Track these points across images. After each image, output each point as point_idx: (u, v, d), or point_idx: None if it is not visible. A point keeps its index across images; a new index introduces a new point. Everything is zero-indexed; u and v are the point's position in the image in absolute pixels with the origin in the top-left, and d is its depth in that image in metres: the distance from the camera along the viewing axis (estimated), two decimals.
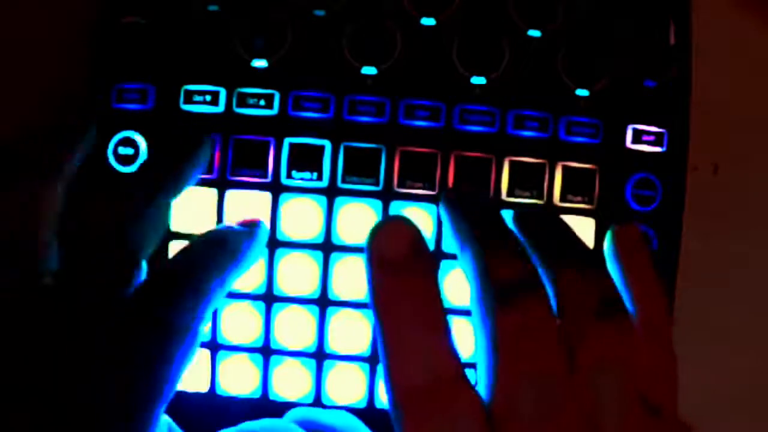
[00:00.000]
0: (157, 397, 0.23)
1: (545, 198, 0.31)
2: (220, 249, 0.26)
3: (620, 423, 0.21)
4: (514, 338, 0.21)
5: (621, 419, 0.21)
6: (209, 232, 0.27)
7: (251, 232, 0.28)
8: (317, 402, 0.31)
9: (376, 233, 0.22)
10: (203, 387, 0.31)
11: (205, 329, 0.29)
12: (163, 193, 0.27)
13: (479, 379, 0.22)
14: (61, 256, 0.25)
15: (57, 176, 0.27)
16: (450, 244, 0.26)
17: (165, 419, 0.26)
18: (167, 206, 0.28)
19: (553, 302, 0.23)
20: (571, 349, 0.22)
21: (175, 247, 0.30)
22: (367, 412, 0.30)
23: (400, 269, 0.22)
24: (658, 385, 0.23)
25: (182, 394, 0.30)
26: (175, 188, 0.28)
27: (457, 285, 0.30)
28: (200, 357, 0.30)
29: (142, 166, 0.29)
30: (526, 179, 0.31)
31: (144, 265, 0.26)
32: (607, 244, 0.27)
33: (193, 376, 0.31)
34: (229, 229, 0.28)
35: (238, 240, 0.27)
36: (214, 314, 0.30)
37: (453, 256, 0.30)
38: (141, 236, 0.26)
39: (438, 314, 0.21)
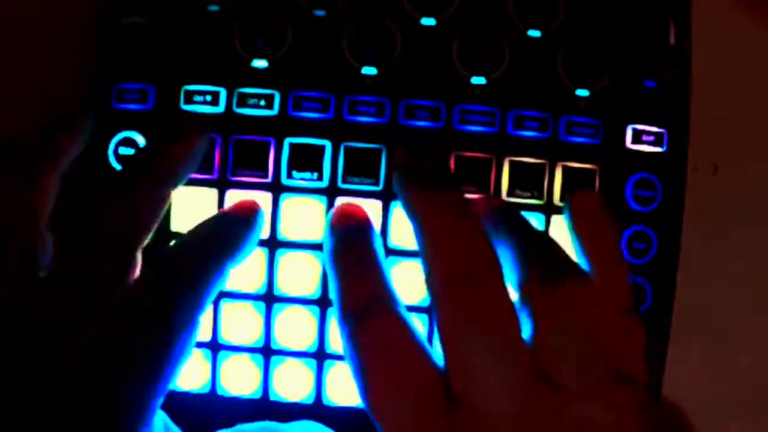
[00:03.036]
0: (154, 390, 0.23)
1: (545, 198, 0.31)
2: (218, 240, 0.26)
3: (580, 381, 0.21)
4: (468, 313, 0.21)
5: (581, 377, 0.21)
6: (206, 222, 0.27)
7: (248, 221, 0.27)
8: (317, 402, 0.31)
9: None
10: (204, 387, 0.31)
11: (202, 321, 0.29)
12: (161, 184, 0.26)
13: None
14: (56, 250, 0.24)
15: (51, 168, 0.26)
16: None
17: (161, 415, 0.26)
18: (167, 196, 0.27)
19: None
20: (529, 317, 0.22)
21: None
22: (367, 412, 0.30)
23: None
24: (621, 349, 0.23)
25: (183, 394, 0.30)
26: (174, 178, 0.27)
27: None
28: (201, 357, 0.31)
29: (137, 154, 0.28)
30: (526, 179, 0.31)
31: (139, 256, 0.25)
32: (564, 213, 0.27)
33: (194, 377, 0.31)
34: (226, 218, 0.27)
35: (235, 231, 0.27)
36: (215, 314, 0.30)
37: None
38: (138, 227, 0.25)
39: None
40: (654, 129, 0.31)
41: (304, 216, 0.30)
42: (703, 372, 0.36)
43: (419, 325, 0.23)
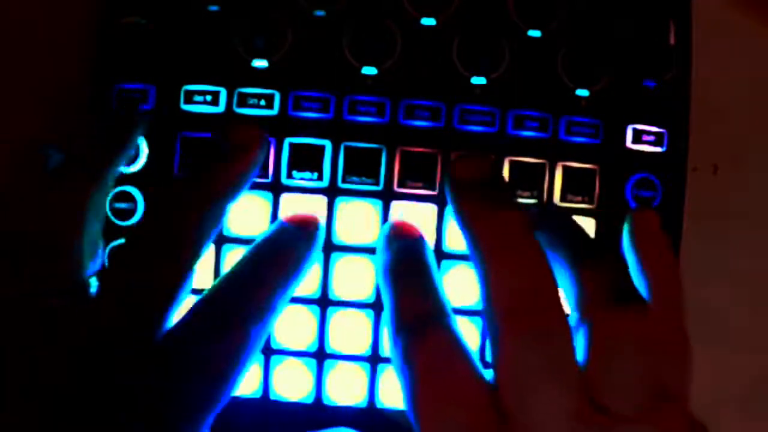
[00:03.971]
0: (214, 408, 0.22)
1: (545, 198, 0.31)
2: (283, 261, 0.25)
3: (632, 404, 0.21)
4: (525, 345, 0.21)
5: (633, 401, 0.21)
6: (269, 239, 0.26)
7: (310, 236, 0.27)
8: (318, 402, 0.31)
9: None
10: (256, 392, 0.31)
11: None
12: (221, 200, 0.25)
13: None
14: (108, 265, 0.24)
15: (105, 177, 0.26)
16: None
17: None
18: (222, 213, 0.26)
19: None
20: (587, 339, 0.22)
21: (230, 256, 0.30)
22: (367, 412, 0.30)
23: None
24: (671, 371, 0.23)
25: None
26: (236, 194, 0.26)
27: (458, 284, 0.30)
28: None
29: (190, 168, 0.27)
30: (526, 179, 0.31)
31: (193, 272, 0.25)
32: (624, 230, 0.27)
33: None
34: (288, 233, 0.27)
35: (299, 248, 0.26)
36: None
37: (454, 256, 0.30)
38: (196, 247, 0.24)
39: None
40: (654, 129, 0.31)
41: None
42: (703, 372, 0.36)
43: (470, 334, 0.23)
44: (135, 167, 0.30)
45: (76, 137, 0.27)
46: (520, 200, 0.31)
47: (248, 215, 0.30)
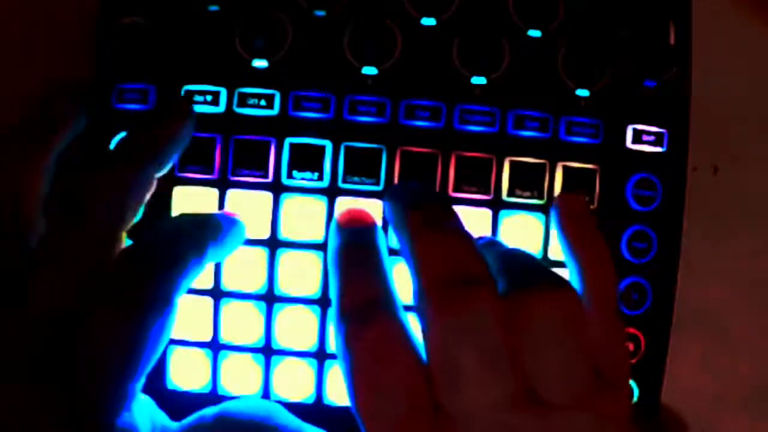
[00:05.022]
0: (130, 373, 0.23)
1: (545, 198, 0.31)
2: (200, 224, 0.26)
3: (568, 391, 0.21)
4: (455, 324, 0.21)
5: (569, 388, 0.21)
6: (188, 215, 0.28)
7: (232, 218, 0.29)
8: (318, 401, 0.31)
9: None
10: (205, 387, 0.31)
11: (203, 320, 0.29)
12: (145, 166, 0.26)
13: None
14: (44, 231, 0.25)
15: (47, 149, 0.27)
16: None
17: (146, 401, 0.26)
18: (151, 179, 0.27)
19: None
20: (515, 321, 0.21)
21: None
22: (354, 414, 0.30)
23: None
24: (606, 355, 0.23)
25: (184, 394, 0.30)
26: (158, 161, 0.27)
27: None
28: (202, 357, 0.30)
29: (124, 137, 0.28)
30: (526, 179, 0.31)
31: (122, 238, 0.26)
32: (552, 215, 0.27)
33: (194, 377, 0.31)
34: (208, 215, 0.28)
35: (218, 219, 0.28)
36: (216, 314, 0.30)
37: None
38: (122, 210, 0.25)
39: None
40: (654, 129, 0.31)
41: (305, 216, 0.30)
42: (703, 372, 0.36)
43: (417, 328, 0.23)
44: None
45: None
46: (522, 200, 0.31)
47: (248, 215, 0.30)
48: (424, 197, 0.25)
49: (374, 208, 0.30)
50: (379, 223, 0.30)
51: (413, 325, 0.23)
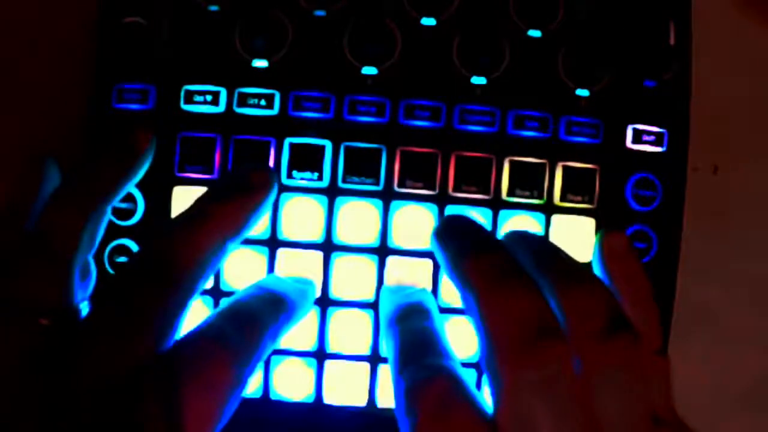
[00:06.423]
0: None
1: (545, 198, 0.31)
2: (277, 303, 0.26)
3: None
4: (533, 388, 0.21)
5: None
6: (265, 282, 0.27)
7: (304, 287, 0.28)
8: (318, 401, 0.31)
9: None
10: None
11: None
12: (224, 240, 0.25)
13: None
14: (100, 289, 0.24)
15: (97, 209, 0.27)
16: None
17: None
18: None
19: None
20: (581, 369, 0.22)
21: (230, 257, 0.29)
22: (367, 412, 0.30)
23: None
24: (659, 395, 0.23)
25: None
26: (238, 235, 0.26)
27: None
28: None
29: (201, 206, 0.26)
30: (526, 179, 0.31)
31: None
32: (595, 251, 0.27)
33: None
34: (283, 282, 0.28)
35: (292, 293, 0.27)
36: None
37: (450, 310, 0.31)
38: (193, 283, 0.24)
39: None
40: (654, 129, 0.31)
41: (305, 216, 0.30)
42: (703, 371, 0.36)
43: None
44: None
45: (74, 168, 0.27)
46: (522, 200, 0.31)
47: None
48: (482, 243, 0.25)
49: (372, 209, 0.30)
50: (376, 223, 0.30)
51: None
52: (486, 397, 0.22)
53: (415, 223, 0.30)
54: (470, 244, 0.25)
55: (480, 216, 0.31)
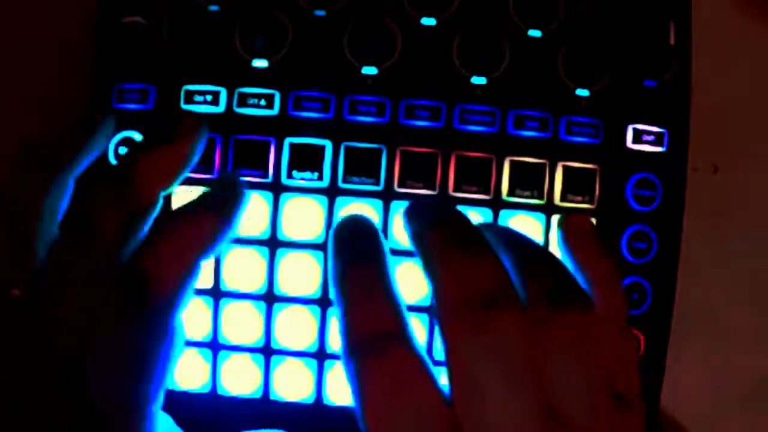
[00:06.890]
0: (147, 394, 0.22)
1: (545, 198, 0.31)
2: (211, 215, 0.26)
3: (588, 412, 0.21)
4: (475, 347, 0.21)
5: (589, 408, 0.21)
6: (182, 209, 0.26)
7: (236, 191, 0.27)
8: (318, 402, 0.31)
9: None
10: (204, 387, 0.31)
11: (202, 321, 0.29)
12: (153, 186, 0.26)
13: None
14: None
15: (67, 170, 0.26)
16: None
17: (165, 419, 0.26)
18: (158, 197, 0.27)
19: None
20: (535, 338, 0.21)
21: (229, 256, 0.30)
22: None
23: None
24: (622, 374, 0.23)
25: (183, 394, 0.30)
26: (167, 181, 0.26)
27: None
28: (201, 357, 0.30)
29: (130, 152, 0.27)
30: (526, 179, 0.31)
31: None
32: (557, 233, 0.27)
33: (194, 376, 0.31)
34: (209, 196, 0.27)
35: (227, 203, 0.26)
36: (215, 314, 0.30)
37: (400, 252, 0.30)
38: (126, 229, 0.25)
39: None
40: (654, 129, 0.31)
41: (305, 216, 0.30)
42: (703, 372, 0.36)
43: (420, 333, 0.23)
44: None
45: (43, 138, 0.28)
46: (522, 200, 0.31)
47: (248, 215, 0.30)
48: (444, 216, 0.25)
49: (374, 207, 0.30)
50: (378, 223, 0.30)
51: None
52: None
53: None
54: (434, 216, 0.24)
55: (480, 216, 0.31)
